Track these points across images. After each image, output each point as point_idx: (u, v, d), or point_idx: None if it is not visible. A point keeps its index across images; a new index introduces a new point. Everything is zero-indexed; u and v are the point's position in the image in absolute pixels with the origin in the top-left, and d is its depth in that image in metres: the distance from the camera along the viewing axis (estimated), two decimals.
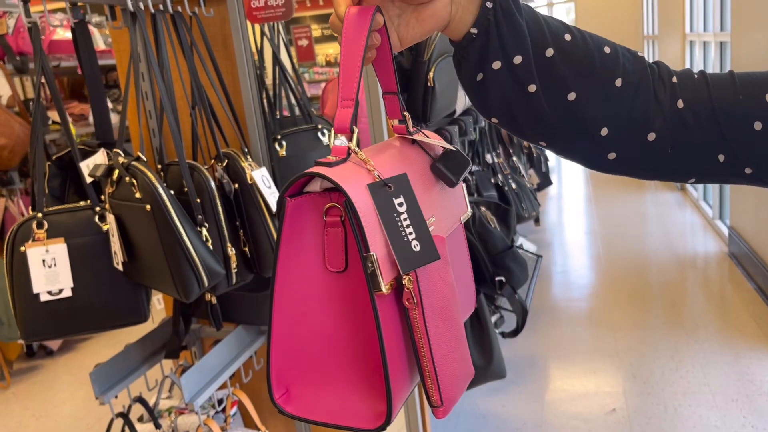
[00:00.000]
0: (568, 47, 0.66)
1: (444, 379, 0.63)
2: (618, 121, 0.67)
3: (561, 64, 0.65)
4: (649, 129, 0.67)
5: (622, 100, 0.66)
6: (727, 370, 2.75)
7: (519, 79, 0.65)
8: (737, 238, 3.91)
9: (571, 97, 0.65)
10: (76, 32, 1.56)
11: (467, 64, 0.66)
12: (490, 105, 0.67)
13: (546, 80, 0.65)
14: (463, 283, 0.79)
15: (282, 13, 1.69)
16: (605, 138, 0.67)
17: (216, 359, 1.71)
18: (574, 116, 0.66)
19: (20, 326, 1.47)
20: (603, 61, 0.67)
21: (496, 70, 0.65)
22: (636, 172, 0.71)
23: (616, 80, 0.66)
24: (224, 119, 1.74)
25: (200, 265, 1.37)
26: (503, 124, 0.69)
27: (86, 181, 1.49)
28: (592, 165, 0.71)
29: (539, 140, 0.69)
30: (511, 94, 0.66)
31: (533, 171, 4.21)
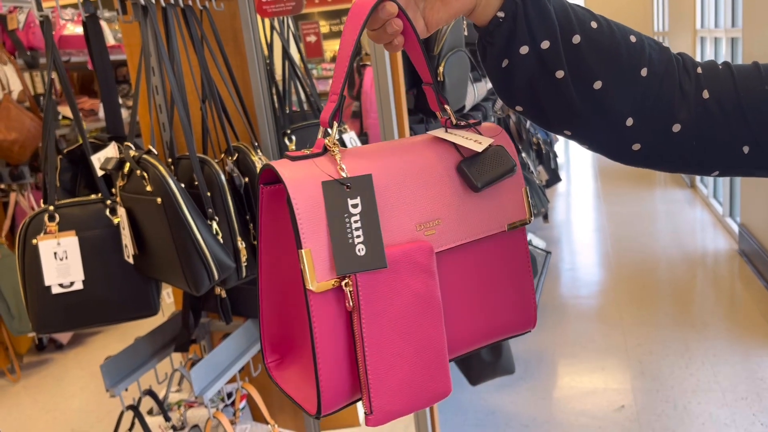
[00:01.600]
0: (594, 35, 0.65)
1: (377, 389, 0.61)
2: (643, 111, 0.66)
3: (588, 51, 0.64)
4: (674, 120, 0.66)
5: (648, 90, 0.66)
6: (737, 368, 2.74)
7: (546, 64, 0.64)
8: (748, 236, 3.88)
9: (597, 85, 0.65)
10: (88, 26, 1.57)
11: (493, 50, 0.65)
12: (515, 92, 0.66)
13: (573, 67, 0.64)
14: (504, 301, 0.72)
15: (292, 7, 1.69)
16: (630, 128, 0.66)
17: (225, 353, 1.71)
18: (600, 105, 0.65)
19: (32, 319, 1.48)
20: (629, 50, 0.66)
21: (523, 55, 0.64)
22: (660, 164, 0.70)
23: (642, 70, 0.66)
24: (234, 113, 1.74)
25: (210, 258, 1.37)
26: (528, 113, 0.68)
27: (97, 175, 1.49)
28: (617, 156, 0.70)
29: (564, 129, 0.68)
30: (538, 80, 0.65)
31: (542, 167, 4.20)
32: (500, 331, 0.72)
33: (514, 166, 0.67)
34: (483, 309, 0.71)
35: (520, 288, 0.73)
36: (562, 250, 4.47)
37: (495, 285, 0.71)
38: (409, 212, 0.65)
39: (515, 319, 0.72)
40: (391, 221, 0.64)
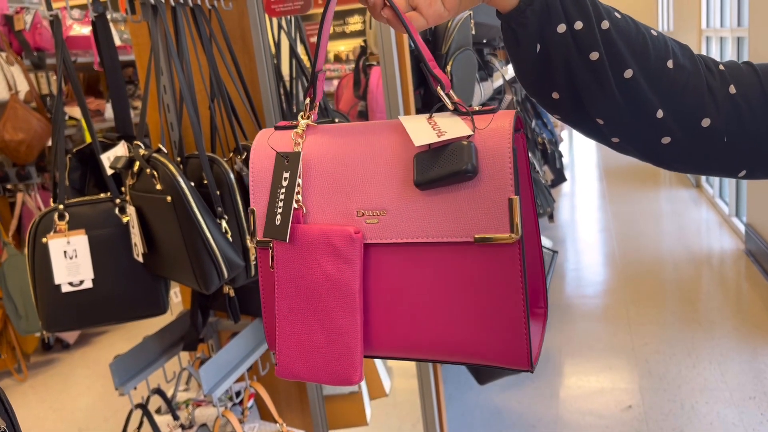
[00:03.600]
0: (621, 23, 0.65)
1: (282, 346, 0.67)
2: (672, 103, 0.66)
3: (617, 37, 0.64)
4: (703, 114, 0.66)
5: (676, 83, 0.66)
6: (744, 367, 2.73)
7: (581, 45, 0.63)
8: (754, 235, 3.87)
9: (628, 74, 0.64)
10: (97, 26, 1.57)
11: (526, 32, 0.63)
12: (552, 77, 0.65)
13: (606, 51, 0.64)
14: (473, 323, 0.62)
15: (300, 6, 1.69)
16: (661, 121, 0.66)
17: (233, 352, 1.71)
18: (631, 94, 0.65)
19: (41, 317, 1.48)
20: (653, 41, 0.66)
21: (560, 34, 0.63)
22: (688, 163, 0.69)
23: (668, 61, 0.66)
24: (243, 112, 1.74)
25: (220, 256, 1.37)
26: (563, 101, 0.66)
27: (107, 174, 1.49)
28: (646, 150, 0.69)
29: (598, 117, 0.67)
30: (575, 62, 0.64)
31: (547, 167, 4.20)
32: (470, 354, 0.64)
33: (466, 169, 0.58)
34: (440, 322, 0.64)
35: (502, 317, 0.61)
36: (568, 249, 4.46)
37: (459, 301, 0.62)
38: (351, 196, 0.64)
39: (494, 350, 0.62)
40: (330, 201, 0.65)
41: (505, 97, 2.96)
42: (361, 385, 2.14)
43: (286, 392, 2.03)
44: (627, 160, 7.12)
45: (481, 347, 0.62)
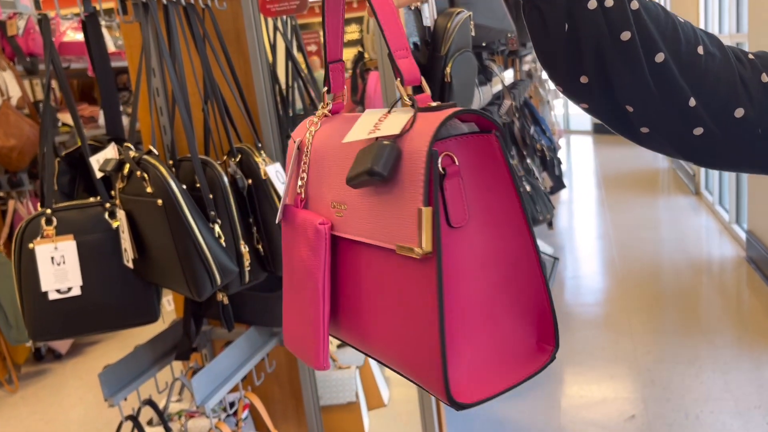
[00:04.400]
0: (650, 5, 0.62)
1: (285, 318, 0.72)
2: (705, 91, 0.62)
3: (648, 19, 0.60)
4: (736, 104, 0.63)
5: (708, 70, 0.62)
6: (749, 376, 2.68)
7: (612, 24, 0.60)
8: (755, 242, 3.84)
9: (660, 57, 0.61)
10: (87, 26, 1.53)
11: (552, 10, 0.60)
12: (581, 59, 0.61)
13: (638, 33, 0.60)
14: (398, 336, 0.57)
15: (296, 6, 1.65)
16: (693, 110, 0.62)
17: (227, 361, 1.67)
18: (663, 79, 0.61)
19: (28, 326, 1.43)
20: (683, 27, 0.63)
21: (591, 10, 0.59)
22: (723, 156, 0.66)
23: (698, 47, 0.62)
24: (237, 114, 1.70)
25: (213, 262, 1.32)
26: (592, 86, 0.62)
27: (96, 177, 1.45)
28: (678, 141, 0.65)
29: (627, 103, 0.63)
30: (605, 42, 0.60)
31: (547, 174, 4.16)
32: (399, 364, 0.59)
33: (372, 170, 0.53)
34: (378, 324, 0.60)
35: (418, 336, 0.54)
36: (567, 257, 4.42)
37: (388, 309, 0.58)
38: (329, 187, 0.65)
39: (416, 370, 0.56)
40: (318, 190, 0.67)
41: (504, 102, 2.92)
42: (359, 396, 2.08)
43: (282, 403, 1.98)
44: (625, 166, 7.09)
45: (405, 363, 0.57)
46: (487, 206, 0.54)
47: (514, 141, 3.52)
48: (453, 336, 0.53)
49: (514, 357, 0.56)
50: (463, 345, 0.54)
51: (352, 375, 2.06)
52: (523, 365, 0.55)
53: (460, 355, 0.54)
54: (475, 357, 0.54)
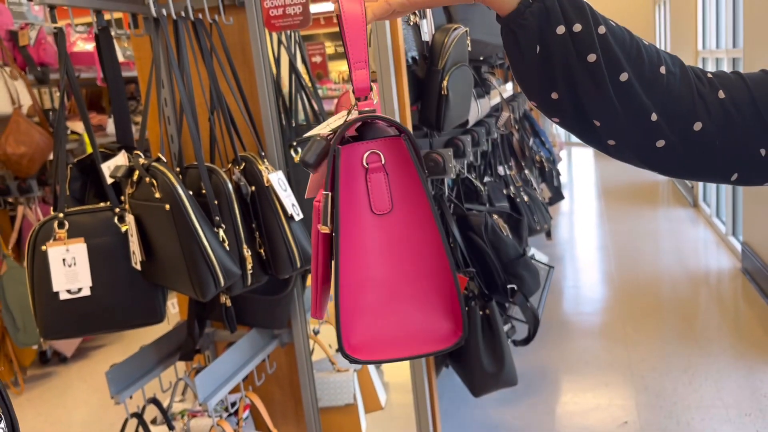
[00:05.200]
0: (616, 30, 0.68)
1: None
2: (666, 107, 0.68)
3: (613, 43, 0.67)
4: (695, 119, 0.69)
5: (669, 88, 0.69)
6: (741, 384, 2.73)
7: (579, 47, 0.66)
8: (751, 254, 3.89)
9: (624, 77, 0.67)
10: (100, 39, 1.60)
11: (525, 33, 0.66)
12: (552, 77, 0.67)
13: (603, 55, 0.66)
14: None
15: (300, 21, 1.72)
16: (655, 124, 0.68)
17: (229, 362, 1.73)
18: (627, 97, 0.68)
19: (39, 324, 1.50)
20: (646, 49, 0.69)
21: (559, 35, 0.65)
22: (683, 166, 0.72)
23: (660, 67, 0.69)
24: (242, 124, 1.77)
25: (217, 264, 1.39)
26: (562, 102, 0.69)
27: (107, 182, 1.52)
28: (642, 153, 0.71)
29: (595, 118, 0.69)
30: (573, 63, 0.66)
31: (545, 185, 4.22)
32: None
33: (302, 160, 0.67)
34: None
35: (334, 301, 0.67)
36: (566, 267, 4.47)
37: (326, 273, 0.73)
38: None
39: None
40: None
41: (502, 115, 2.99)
42: (356, 398, 2.14)
43: (282, 403, 2.04)
44: (625, 179, 7.15)
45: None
46: (405, 199, 0.64)
47: (513, 152, 3.59)
48: (348, 302, 0.63)
49: (418, 334, 0.64)
50: (360, 312, 0.63)
51: (350, 378, 2.12)
52: (426, 343, 0.64)
53: (354, 319, 0.64)
54: (373, 324, 0.64)
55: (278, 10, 1.71)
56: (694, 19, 5.65)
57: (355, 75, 0.64)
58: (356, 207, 0.64)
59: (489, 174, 2.96)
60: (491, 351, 1.94)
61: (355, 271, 0.63)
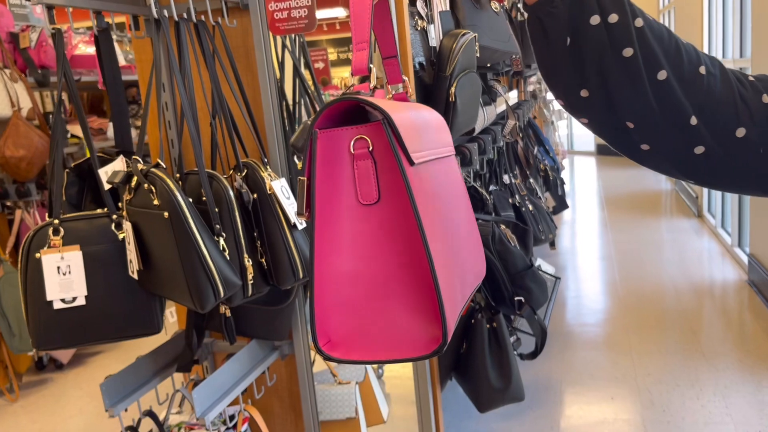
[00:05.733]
0: (654, 23, 0.62)
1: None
2: (706, 110, 0.63)
3: (651, 36, 0.61)
4: (737, 124, 0.63)
5: (710, 90, 0.63)
6: (749, 400, 2.68)
7: (615, 40, 0.60)
8: (757, 266, 3.84)
9: (662, 75, 0.61)
10: (100, 40, 1.56)
11: (553, 23, 0.61)
12: (582, 73, 0.62)
13: (641, 50, 0.61)
14: None
15: (305, 24, 1.68)
16: (694, 128, 0.63)
17: (228, 374, 1.68)
18: (665, 97, 0.62)
19: (32, 334, 1.45)
20: (685, 47, 0.63)
21: (594, 26, 0.60)
22: (723, 176, 0.66)
23: (700, 67, 0.63)
24: (244, 129, 1.73)
25: (217, 274, 1.34)
26: (593, 100, 0.63)
27: (104, 188, 1.47)
28: (678, 159, 0.65)
29: (629, 119, 0.63)
30: (608, 57, 0.60)
31: (549, 194, 4.18)
32: None
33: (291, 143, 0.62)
34: None
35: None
36: (569, 277, 4.43)
37: None
38: None
39: None
40: None
41: (508, 122, 2.95)
42: (358, 412, 2.09)
43: (282, 417, 1.99)
44: (628, 187, 7.11)
45: None
46: (393, 190, 0.57)
47: (518, 160, 3.54)
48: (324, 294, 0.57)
49: (397, 336, 0.58)
50: (337, 306, 0.58)
51: (351, 391, 2.07)
52: (405, 347, 0.57)
53: (329, 313, 0.58)
54: (350, 321, 0.58)
55: (283, 13, 1.67)
56: (700, 28, 5.62)
57: (355, 56, 0.61)
58: (340, 195, 0.58)
59: (494, 182, 2.91)
60: (498, 366, 1.89)
61: (334, 263, 0.58)
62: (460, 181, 0.75)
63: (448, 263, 0.60)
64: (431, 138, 0.67)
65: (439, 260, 0.57)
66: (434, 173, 0.64)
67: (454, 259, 0.62)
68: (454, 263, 0.62)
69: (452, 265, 0.61)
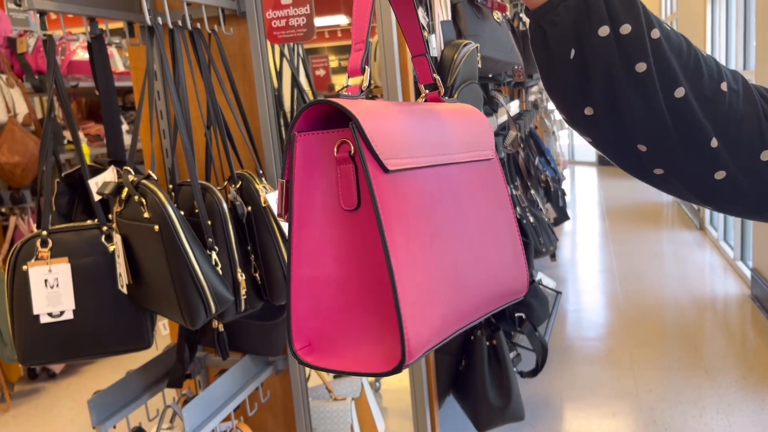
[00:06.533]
0: (672, 35, 0.56)
1: None
2: (728, 131, 0.56)
3: (669, 49, 0.55)
4: (762, 146, 0.57)
5: (732, 109, 0.57)
6: (753, 419, 2.63)
7: (626, 54, 0.53)
8: (761, 281, 3.79)
9: (680, 93, 0.55)
10: (93, 47, 1.53)
11: (556, 33, 0.54)
12: (587, 89, 0.55)
13: (656, 65, 0.54)
14: None
15: (303, 33, 1.65)
16: (715, 151, 0.56)
17: (220, 390, 1.63)
18: (683, 117, 0.55)
19: (18, 349, 1.40)
20: (705, 60, 0.57)
21: (602, 38, 0.53)
22: (745, 202, 0.60)
23: (722, 83, 0.57)
24: (240, 140, 1.69)
25: (208, 290, 1.30)
26: (598, 119, 0.56)
27: (94, 199, 1.43)
28: (696, 185, 0.59)
29: (640, 142, 0.57)
30: (617, 72, 0.54)
31: (550, 205, 4.14)
32: None
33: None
34: None
35: None
36: (569, 290, 4.38)
37: None
38: None
39: None
40: None
41: (510, 133, 2.91)
42: (354, 428, 2.04)
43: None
44: (629, 199, 7.07)
45: None
46: (367, 200, 0.55)
47: (519, 171, 3.50)
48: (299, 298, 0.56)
49: (364, 349, 0.56)
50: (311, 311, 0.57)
51: (347, 407, 2.02)
52: (369, 361, 0.56)
53: (304, 317, 0.57)
54: (322, 327, 0.57)
55: (281, 21, 1.63)
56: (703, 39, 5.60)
57: (351, 56, 0.59)
58: (322, 199, 0.56)
59: None
60: (498, 384, 1.84)
61: (310, 267, 0.56)
62: (493, 188, 0.70)
63: (431, 280, 0.57)
64: (439, 141, 0.63)
65: (415, 277, 0.54)
66: (432, 180, 0.60)
67: (447, 275, 0.59)
68: (444, 280, 0.59)
69: (441, 282, 0.58)
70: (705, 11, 5.50)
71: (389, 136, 0.56)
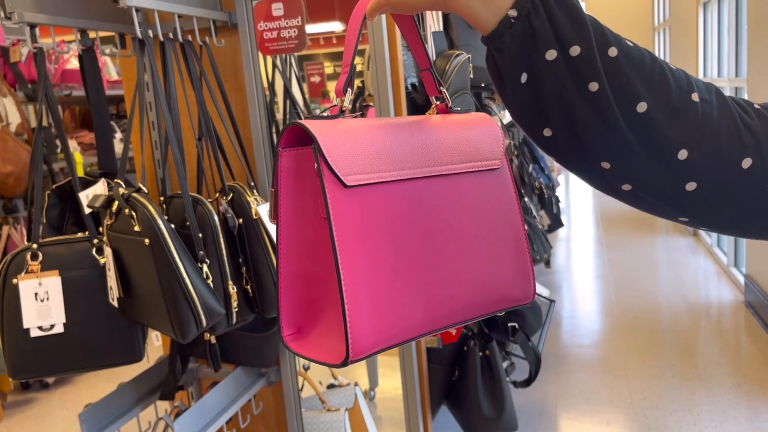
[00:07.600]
0: (633, 51, 0.56)
1: None
2: (703, 142, 0.55)
3: (627, 66, 0.54)
4: (742, 154, 0.56)
5: (706, 119, 0.56)
6: (747, 427, 2.63)
7: (577, 75, 0.53)
8: (754, 287, 3.80)
9: (642, 107, 0.55)
10: (84, 60, 1.53)
11: (505, 60, 0.55)
12: (543, 111, 0.55)
13: (611, 81, 0.54)
14: None
15: (295, 45, 1.65)
16: (683, 163, 0.56)
17: (213, 402, 1.63)
18: (646, 132, 0.55)
19: (8, 363, 1.40)
20: (673, 73, 0.57)
21: (550, 61, 0.54)
22: (720, 214, 0.58)
23: (692, 94, 0.56)
24: (231, 152, 1.69)
25: (199, 303, 1.29)
26: (558, 140, 0.56)
27: (85, 212, 1.43)
28: (667, 199, 0.58)
29: (602, 160, 0.56)
30: (570, 94, 0.54)
31: (544, 212, 4.15)
32: None
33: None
34: None
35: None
36: (564, 296, 4.38)
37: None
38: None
39: None
40: None
41: None
42: None
43: None
44: (624, 205, 7.08)
45: None
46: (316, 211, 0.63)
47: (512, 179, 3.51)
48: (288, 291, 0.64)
49: (331, 343, 0.62)
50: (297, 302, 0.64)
51: (341, 417, 2.01)
52: (330, 354, 0.61)
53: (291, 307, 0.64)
54: (304, 317, 0.64)
55: (272, 33, 1.63)
56: (695, 47, 5.63)
57: (339, 78, 0.65)
58: (304, 207, 0.63)
59: None
60: (491, 394, 1.84)
61: (294, 264, 0.64)
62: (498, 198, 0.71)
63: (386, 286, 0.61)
64: (420, 156, 0.66)
65: (367, 283, 0.59)
66: (406, 193, 0.64)
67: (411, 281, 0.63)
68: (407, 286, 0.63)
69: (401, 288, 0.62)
70: (697, 19, 5.53)
71: (352, 155, 0.60)
